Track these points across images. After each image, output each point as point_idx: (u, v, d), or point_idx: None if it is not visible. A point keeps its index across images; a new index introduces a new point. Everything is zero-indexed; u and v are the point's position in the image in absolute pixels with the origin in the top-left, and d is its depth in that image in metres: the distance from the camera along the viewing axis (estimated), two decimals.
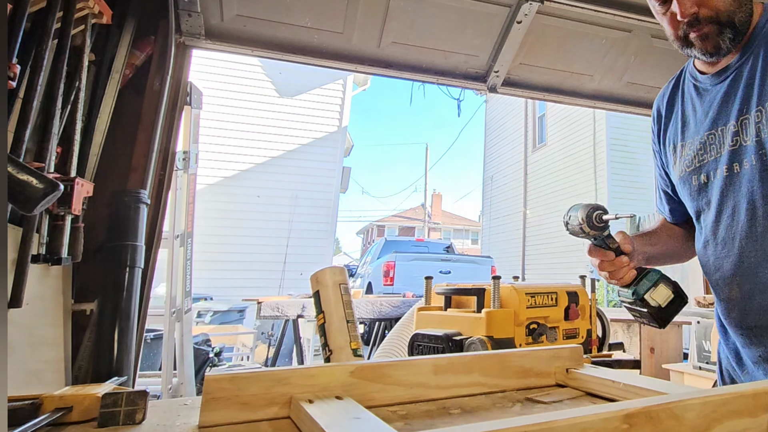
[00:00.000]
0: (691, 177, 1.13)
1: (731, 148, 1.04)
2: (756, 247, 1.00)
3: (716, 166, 1.07)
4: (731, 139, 1.04)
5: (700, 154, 1.10)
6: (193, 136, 3.06)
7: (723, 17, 1.01)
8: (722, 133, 1.06)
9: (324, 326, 0.95)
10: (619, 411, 0.56)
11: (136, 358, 1.99)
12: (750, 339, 1.03)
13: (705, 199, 1.10)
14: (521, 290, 1.56)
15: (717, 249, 1.08)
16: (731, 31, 1.02)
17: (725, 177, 1.05)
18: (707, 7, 1.01)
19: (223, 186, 9.88)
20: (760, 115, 0.99)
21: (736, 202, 1.03)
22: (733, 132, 1.03)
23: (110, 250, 1.95)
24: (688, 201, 1.17)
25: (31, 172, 1.26)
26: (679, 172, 1.16)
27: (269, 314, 4.52)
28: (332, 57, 2.60)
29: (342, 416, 0.67)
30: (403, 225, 31.50)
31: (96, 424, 0.71)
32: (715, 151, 1.07)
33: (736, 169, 1.03)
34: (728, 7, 1.01)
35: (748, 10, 1.02)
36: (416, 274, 8.47)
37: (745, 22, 1.02)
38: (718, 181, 1.06)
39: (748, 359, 1.06)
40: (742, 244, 1.02)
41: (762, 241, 0.99)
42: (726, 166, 1.04)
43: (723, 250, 1.07)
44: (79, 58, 1.84)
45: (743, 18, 1.02)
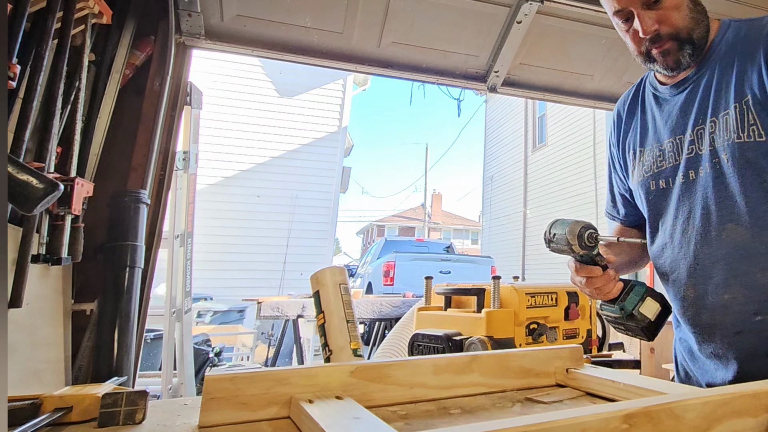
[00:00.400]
0: (649, 182, 1.18)
1: (687, 156, 1.09)
2: (710, 250, 1.05)
3: (674, 173, 1.12)
4: (687, 147, 1.10)
5: (659, 161, 1.16)
6: (193, 136, 3.06)
7: (682, 34, 1.06)
8: (680, 141, 1.12)
9: (324, 326, 0.95)
10: (618, 411, 0.56)
11: (136, 358, 1.99)
12: (703, 336, 1.09)
13: (663, 203, 1.16)
14: (521, 290, 1.56)
15: (674, 252, 1.12)
16: (690, 47, 1.07)
17: (682, 184, 1.10)
18: (667, 25, 1.06)
19: (223, 186, 9.88)
20: (713, 125, 1.05)
21: (692, 207, 1.08)
22: (690, 141, 1.09)
23: (110, 250, 1.95)
24: (645, 205, 1.21)
25: (31, 172, 1.26)
26: (638, 177, 1.21)
27: (269, 314, 4.52)
28: (332, 57, 2.60)
29: (342, 416, 0.67)
30: (403, 225, 31.50)
31: (96, 424, 0.71)
32: (673, 159, 1.13)
33: (691, 176, 1.09)
34: (687, 24, 1.06)
35: (706, 26, 1.09)
36: (416, 274, 8.46)
37: (702, 37, 1.08)
38: (675, 187, 1.12)
39: (701, 354, 1.11)
40: (697, 247, 1.07)
41: (716, 244, 1.04)
42: (683, 173, 1.10)
43: (679, 253, 1.11)
44: (79, 58, 1.84)
45: (701, 34, 1.08)
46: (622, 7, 1.09)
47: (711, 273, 1.05)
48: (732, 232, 1.02)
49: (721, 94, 1.05)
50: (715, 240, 1.04)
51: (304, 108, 10.72)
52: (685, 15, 1.06)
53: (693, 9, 1.07)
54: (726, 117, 1.03)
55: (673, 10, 1.05)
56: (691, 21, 1.07)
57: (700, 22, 1.08)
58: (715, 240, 1.04)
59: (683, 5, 1.06)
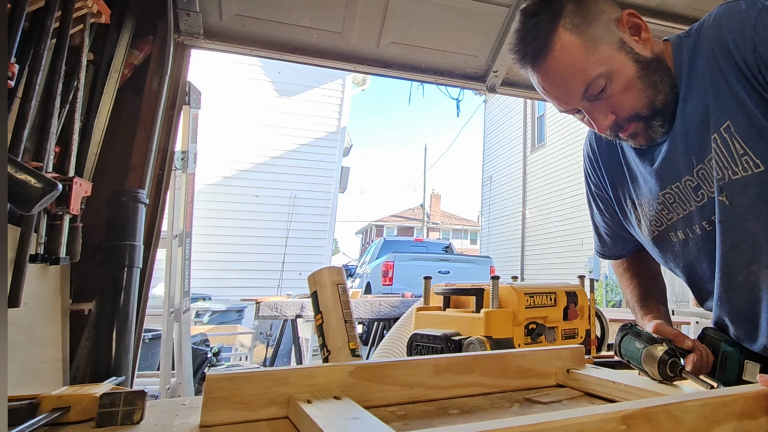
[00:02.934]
0: (668, 234, 1.03)
1: (698, 204, 0.94)
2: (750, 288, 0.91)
3: (692, 222, 0.97)
4: (695, 193, 0.94)
5: (665, 214, 1.01)
6: (191, 136, 3.05)
7: (644, 112, 0.92)
8: (678, 189, 0.97)
9: (322, 326, 0.95)
10: (616, 412, 0.56)
11: (134, 358, 1.99)
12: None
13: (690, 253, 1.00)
14: (520, 290, 1.56)
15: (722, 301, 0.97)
16: (660, 118, 0.93)
17: (708, 232, 0.94)
18: (624, 110, 0.92)
19: (222, 186, 9.86)
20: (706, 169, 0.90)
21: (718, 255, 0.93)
22: (693, 187, 0.94)
23: (108, 249, 1.95)
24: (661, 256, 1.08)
25: (30, 171, 1.26)
26: (647, 231, 1.07)
27: (268, 314, 4.51)
28: (331, 57, 2.60)
29: (340, 416, 0.67)
30: (402, 225, 31.51)
31: (94, 424, 0.71)
32: (682, 208, 0.97)
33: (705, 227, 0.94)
34: (645, 99, 0.91)
35: (667, 84, 0.92)
36: (415, 274, 8.47)
37: (668, 100, 0.92)
38: (699, 236, 0.96)
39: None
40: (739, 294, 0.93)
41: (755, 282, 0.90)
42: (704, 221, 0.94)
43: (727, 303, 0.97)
44: (77, 57, 1.84)
45: (665, 99, 0.92)
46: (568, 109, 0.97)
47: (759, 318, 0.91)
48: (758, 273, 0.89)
49: (702, 130, 0.90)
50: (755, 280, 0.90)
51: (302, 108, 10.70)
52: (639, 90, 0.90)
53: (645, 75, 0.90)
54: (712, 156, 0.89)
55: (624, 93, 0.90)
56: (648, 93, 0.91)
57: (659, 85, 0.91)
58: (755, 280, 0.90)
59: (633, 81, 0.90)
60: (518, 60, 0.92)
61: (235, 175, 10.12)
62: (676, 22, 2.54)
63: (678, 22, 2.53)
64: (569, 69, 0.88)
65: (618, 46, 0.90)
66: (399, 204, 54.58)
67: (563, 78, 0.90)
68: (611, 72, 0.89)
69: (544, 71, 0.90)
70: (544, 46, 0.88)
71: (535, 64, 0.90)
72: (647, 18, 1.03)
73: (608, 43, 0.89)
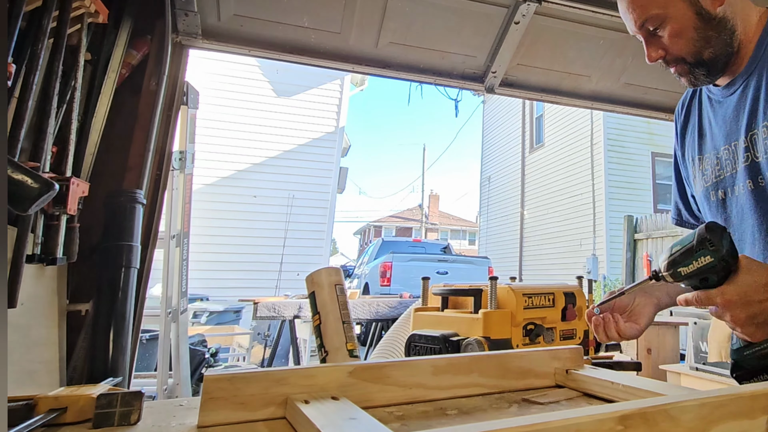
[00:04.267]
0: (710, 192, 1.12)
1: (744, 165, 1.03)
2: None
3: (733, 182, 1.06)
4: (743, 154, 1.03)
5: (717, 170, 1.10)
6: (189, 136, 3.04)
7: (689, 58, 1.02)
8: (735, 148, 1.05)
9: (320, 327, 0.95)
10: (614, 412, 0.56)
11: (131, 358, 1.98)
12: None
13: (727, 214, 1.09)
14: (518, 291, 1.56)
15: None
16: (703, 68, 1.03)
17: (744, 193, 1.04)
18: (671, 52, 1.02)
19: (220, 186, 9.85)
20: (767, 131, 0.98)
21: (759, 218, 1.01)
22: (744, 147, 1.02)
23: (106, 250, 1.95)
24: (710, 216, 1.15)
25: (26, 171, 1.25)
26: (700, 187, 1.16)
27: (266, 315, 4.51)
28: (330, 57, 2.59)
29: (338, 417, 0.66)
30: (401, 225, 31.50)
31: (91, 425, 0.70)
32: (731, 167, 1.06)
33: (750, 186, 1.02)
34: (692, 48, 1.01)
35: (723, 42, 1.01)
36: (413, 274, 8.47)
37: (719, 55, 1.02)
38: (736, 197, 1.06)
39: None
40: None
41: None
42: (742, 183, 1.03)
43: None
44: (75, 57, 1.83)
45: (715, 53, 1.01)
46: (632, 33, 1.07)
47: None
48: None
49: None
50: None
51: (301, 108, 10.70)
52: (690, 39, 1.00)
53: (702, 29, 1.00)
54: None
55: (674, 37, 1.00)
56: (698, 44, 1.00)
57: (713, 40, 1.00)
58: None
59: (687, 29, 1.00)
60: None
61: (232, 176, 10.11)
62: None
63: None
64: (635, 2, 1.01)
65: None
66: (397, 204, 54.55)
67: (630, 4, 1.01)
68: (667, 15, 0.99)
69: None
70: None
71: None
72: None
73: None
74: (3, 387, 0.56)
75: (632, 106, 3.20)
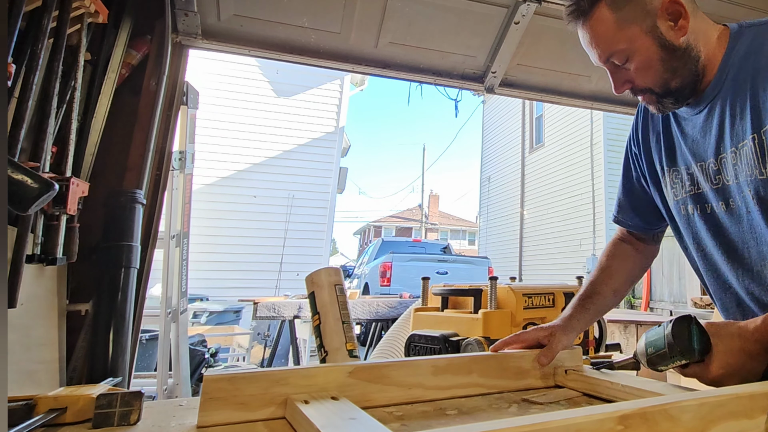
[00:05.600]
0: (680, 206, 1.14)
1: (715, 187, 1.05)
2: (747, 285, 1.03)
3: (706, 200, 1.07)
4: (714, 177, 1.05)
5: (688, 185, 1.11)
6: (189, 136, 3.04)
7: (657, 89, 1.03)
8: (701, 168, 1.07)
9: (319, 327, 0.95)
10: (614, 412, 0.56)
11: (131, 358, 1.98)
12: None
13: (693, 230, 1.12)
14: (518, 291, 1.56)
15: (719, 280, 1.10)
16: (671, 98, 1.03)
17: (717, 213, 1.06)
18: (638, 83, 1.03)
19: (220, 186, 9.84)
20: (734, 156, 0.99)
21: (727, 240, 1.05)
22: (715, 170, 1.04)
23: (105, 250, 1.95)
24: (676, 227, 1.18)
25: (26, 171, 1.25)
26: (671, 199, 1.17)
27: (265, 315, 4.51)
28: (329, 57, 2.59)
29: (337, 417, 0.66)
30: (400, 226, 31.50)
31: (91, 425, 0.71)
32: (698, 187, 1.09)
33: (722, 207, 1.04)
34: (659, 79, 1.01)
35: (689, 71, 1.01)
36: (413, 274, 8.46)
37: (686, 84, 1.02)
38: (709, 215, 1.07)
39: None
40: (741, 281, 1.04)
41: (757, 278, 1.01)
42: (715, 203, 1.06)
43: (718, 280, 1.10)
44: (74, 57, 1.83)
45: (681, 83, 1.01)
46: (597, 64, 1.08)
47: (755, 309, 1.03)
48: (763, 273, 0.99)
49: (736, 121, 0.98)
50: (755, 276, 1.01)
51: (300, 108, 10.69)
52: (656, 72, 1.00)
53: (667, 60, 0.99)
54: (745, 149, 0.96)
55: (640, 70, 1.01)
56: (664, 75, 1.00)
57: (679, 71, 1.00)
58: (755, 276, 1.01)
59: (652, 62, 1.00)
60: (566, 12, 1.06)
61: (232, 176, 10.10)
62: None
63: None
64: (598, 37, 1.02)
65: (648, 30, 0.99)
66: (397, 204, 54.62)
67: (594, 41, 1.03)
68: (632, 50, 1.00)
69: (582, 30, 1.05)
70: (586, 11, 1.02)
71: (576, 21, 1.05)
72: None
73: (639, 25, 0.99)
74: (3, 387, 0.56)
75: (632, 106, 3.19)
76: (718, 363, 0.85)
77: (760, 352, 0.83)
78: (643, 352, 0.91)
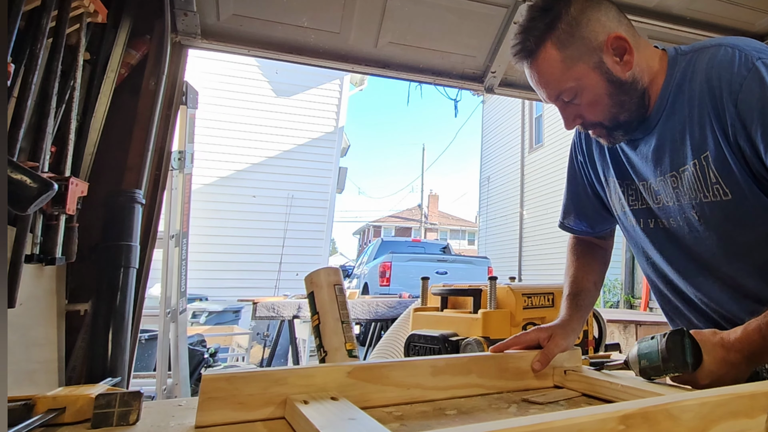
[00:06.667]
0: (626, 217, 1.19)
1: (657, 206, 1.09)
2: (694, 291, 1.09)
3: (650, 216, 1.12)
4: (655, 196, 1.09)
5: (631, 200, 1.15)
6: (188, 136, 3.05)
7: (607, 123, 1.04)
8: (643, 187, 1.11)
9: (319, 327, 0.94)
10: (615, 412, 0.56)
11: (130, 358, 1.98)
12: None
13: (639, 239, 1.17)
14: (518, 291, 1.56)
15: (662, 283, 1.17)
16: (621, 130, 1.05)
17: (656, 229, 1.11)
18: (588, 118, 1.04)
19: (219, 186, 9.84)
20: (675, 180, 1.03)
21: (672, 253, 1.10)
22: (656, 191, 1.08)
23: (105, 250, 1.94)
24: (624, 234, 1.23)
25: (25, 171, 1.25)
26: (618, 208, 1.21)
27: (265, 315, 4.50)
28: (329, 57, 2.59)
29: (337, 417, 0.66)
30: (400, 225, 31.50)
31: (89, 425, 0.70)
32: (640, 203, 1.13)
33: (663, 224, 1.09)
34: (608, 114, 1.03)
35: (636, 103, 1.03)
36: (413, 274, 8.46)
37: (633, 116, 1.03)
38: (651, 230, 1.13)
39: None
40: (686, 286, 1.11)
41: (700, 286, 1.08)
42: (657, 219, 1.11)
43: (667, 286, 1.16)
44: (73, 57, 1.83)
45: (628, 116, 1.03)
46: (545, 102, 1.09)
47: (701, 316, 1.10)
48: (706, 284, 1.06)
49: (677, 146, 1.01)
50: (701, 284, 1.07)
51: (300, 108, 10.69)
52: (605, 106, 1.02)
53: (615, 95, 1.01)
54: (686, 173, 1.00)
55: (589, 106, 1.02)
56: (613, 109, 1.02)
57: (626, 104, 1.02)
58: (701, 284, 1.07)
59: (601, 97, 1.01)
60: (513, 52, 1.06)
61: (232, 176, 10.10)
62: (675, 23, 2.54)
63: (676, 23, 2.53)
64: (546, 76, 1.02)
65: (594, 66, 1.00)
66: (397, 204, 54.56)
67: (542, 81, 1.04)
68: (581, 87, 1.01)
69: (530, 69, 1.05)
70: (533, 51, 1.02)
71: (524, 61, 1.05)
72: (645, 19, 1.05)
73: (586, 62, 1.00)
74: (3, 387, 0.56)
75: None
76: (704, 373, 0.88)
77: (741, 361, 0.86)
78: (635, 362, 0.93)
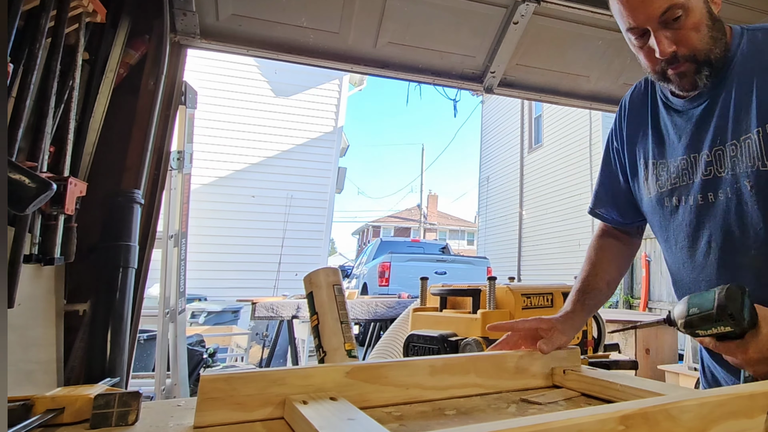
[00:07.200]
0: (664, 198, 1.13)
1: (705, 178, 1.05)
2: (732, 277, 1.01)
3: (690, 192, 1.07)
4: (705, 168, 1.04)
5: (674, 177, 1.11)
6: (187, 136, 3.04)
7: (700, 56, 1.00)
8: (694, 160, 1.07)
9: (318, 327, 0.94)
10: (615, 412, 0.56)
11: (129, 358, 1.98)
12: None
13: (678, 221, 1.11)
14: (517, 291, 1.56)
15: (695, 272, 1.10)
16: (708, 69, 1.02)
17: (700, 205, 1.06)
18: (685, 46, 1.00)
19: (218, 186, 9.84)
20: (734, 149, 1.00)
21: (713, 231, 1.04)
22: (707, 161, 1.04)
23: (103, 250, 1.94)
24: (657, 220, 1.17)
25: (24, 171, 1.25)
26: (653, 191, 1.16)
27: (264, 315, 4.50)
28: (328, 57, 2.59)
29: (336, 417, 0.66)
30: (399, 226, 31.49)
31: (88, 425, 0.70)
32: (688, 177, 1.08)
33: (710, 198, 1.04)
34: (705, 45, 1.00)
35: (724, 44, 1.02)
36: (412, 274, 8.46)
37: (721, 57, 1.02)
38: (692, 207, 1.07)
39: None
40: (720, 272, 1.04)
41: (739, 273, 1.01)
42: (700, 194, 1.05)
43: (700, 275, 1.08)
44: (72, 57, 1.83)
45: (719, 54, 1.01)
46: (638, 25, 1.00)
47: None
48: (755, 260, 0.99)
49: (741, 115, 0.99)
50: (738, 268, 1.01)
51: (299, 108, 10.69)
52: (704, 35, 0.99)
53: (712, 27, 1.00)
54: (748, 141, 0.97)
55: (692, 30, 0.98)
56: (710, 41, 0.99)
57: (719, 41, 1.01)
58: (738, 268, 1.01)
59: (702, 24, 0.99)
60: None
61: (231, 176, 10.10)
62: None
63: None
64: None
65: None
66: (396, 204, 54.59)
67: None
68: (690, 7, 0.98)
69: None
70: None
71: None
72: None
73: None
74: (3, 387, 0.56)
75: None
76: (757, 346, 0.83)
77: None
78: (682, 314, 0.86)
